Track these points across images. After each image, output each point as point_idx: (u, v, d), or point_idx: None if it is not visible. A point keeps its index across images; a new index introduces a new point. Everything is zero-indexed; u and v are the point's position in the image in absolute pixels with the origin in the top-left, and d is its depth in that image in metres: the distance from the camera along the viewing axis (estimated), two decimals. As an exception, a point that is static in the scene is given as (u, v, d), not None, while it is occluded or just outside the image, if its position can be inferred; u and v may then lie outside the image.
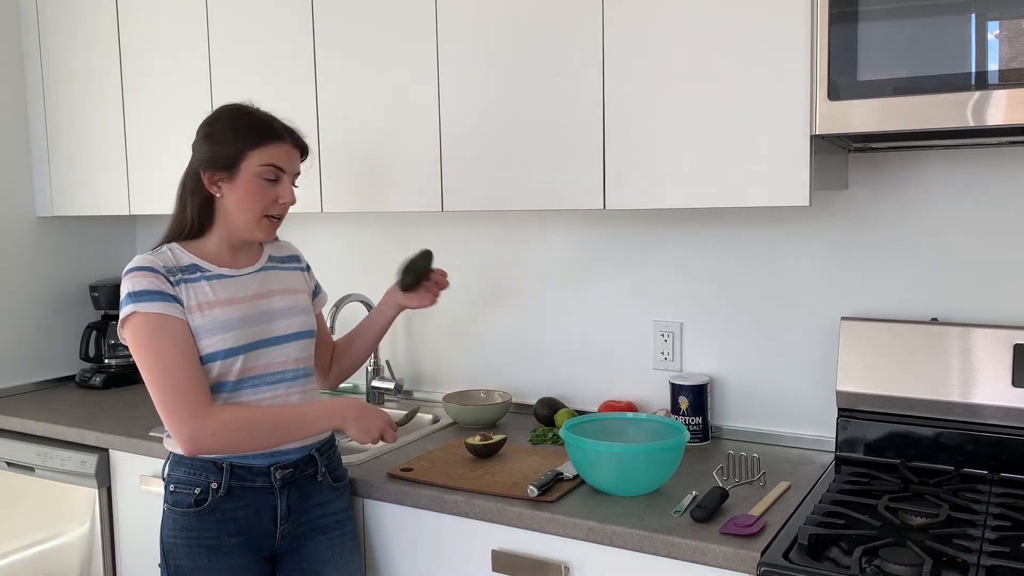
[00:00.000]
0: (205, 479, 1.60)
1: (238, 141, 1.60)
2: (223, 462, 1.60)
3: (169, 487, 1.63)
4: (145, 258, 1.60)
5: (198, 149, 1.64)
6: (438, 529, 1.74)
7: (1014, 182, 1.76)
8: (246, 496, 1.61)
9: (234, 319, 1.60)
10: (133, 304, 1.54)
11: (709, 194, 1.69)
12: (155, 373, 1.52)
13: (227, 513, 1.60)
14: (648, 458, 1.62)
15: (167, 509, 1.63)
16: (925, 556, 1.33)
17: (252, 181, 1.61)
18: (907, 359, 1.78)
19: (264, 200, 1.63)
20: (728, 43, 1.64)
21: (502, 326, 2.37)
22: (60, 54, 2.64)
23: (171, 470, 1.64)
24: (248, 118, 1.63)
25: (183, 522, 1.60)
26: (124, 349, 2.83)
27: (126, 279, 1.57)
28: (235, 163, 1.60)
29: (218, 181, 1.62)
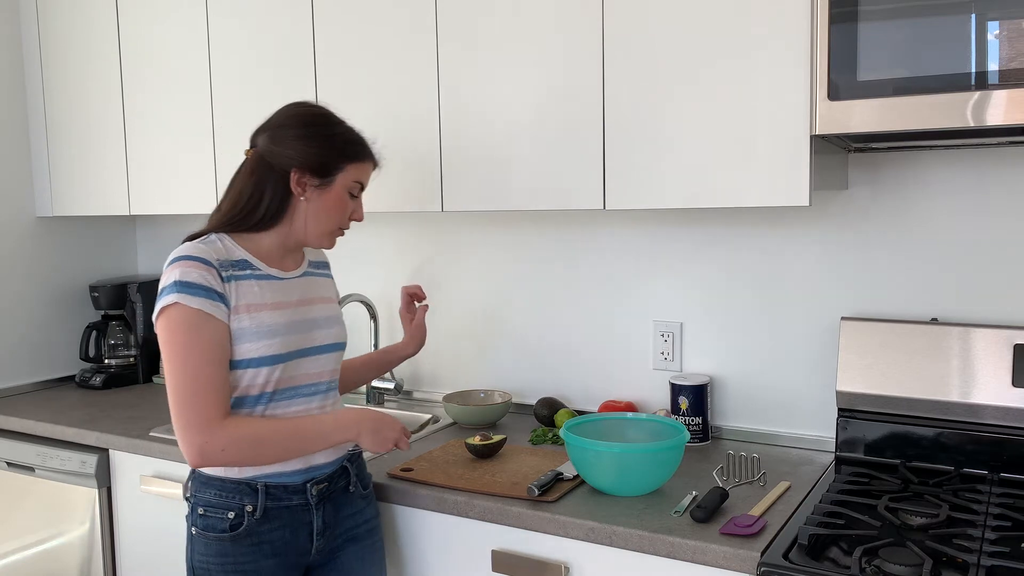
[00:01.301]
0: (239, 502, 1.52)
1: (339, 152, 1.57)
2: (257, 482, 1.53)
3: (197, 510, 1.54)
4: (197, 247, 1.50)
5: (290, 146, 1.55)
6: (438, 529, 1.74)
7: (1014, 182, 1.76)
8: (282, 516, 1.55)
9: (280, 324, 1.54)
10: (177, 294, 1.45)
11: (709, 194, 1.69)
12: (178, 374, 1.45)
13: (263, 536, 1.53)
14: (648, 458, 1.62)
15: (196, 533, 1.54)
16: (925, 556, 1.33)
17: (341, 194, 1.59)
18: (907, 359, 1.78)
19: (344, 213, 1.61)
20: (728, 43, 1.64)
21: (502, 326, 2.37)
22: (60, 54, 2.65)
23: (197, 491, 1.55)
24: (344, 128, 1.60)
25: (216, 547, 1.52)
26: (124, 349, 2.83)
27: (175, 266, 1.47)
28: (331, 172, 1.56)
29: (307, 184, 1.56)
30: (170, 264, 1.49)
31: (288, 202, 1.57)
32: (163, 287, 1.48)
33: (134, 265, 3.08)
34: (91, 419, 2.35)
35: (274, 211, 1.57)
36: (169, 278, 1.47)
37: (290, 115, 1.59)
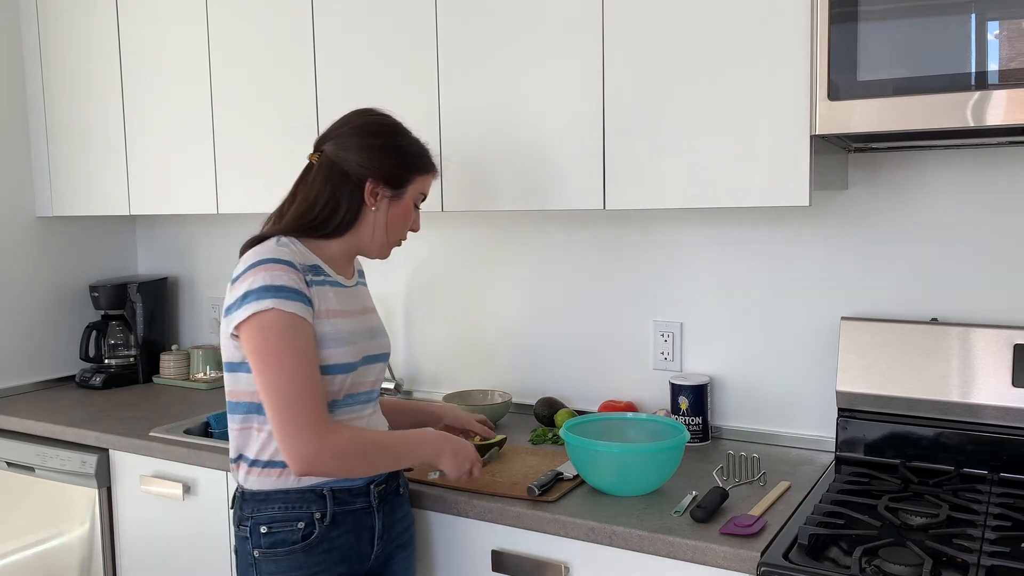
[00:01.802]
0: (307, 511, 1.49)
1: (411, 163, 1.57)
2: (323, 488, 1.50)
3: (259, 529, 1.49)
4: (278, 250, 1.47)
5: (366, 156, 1.54)
6: (438, 529, 1.74)
7: (1014, 182, 1.76)
8: (347, 521, 1.53)
9: (352, 332, 1.54)
10: (272, 299, 1.41)
11: (709, 194, 1.69)
12: (281, 380, 1.40)
13: (332, 542, 1.51)
14: (648, 458, 1.62)
15: (261, 554, 1.49)
16: (925, 556, 1.33)
17: (409, 205, 1.60)
18: (907, 359, 1.78)
19: (408, 225, 1.62)
20: (728, 43, 1.64)
21: (502, 326, 2.37)
22: (60, 54, 2.65)
23: (256, 511, 1.50)
24: (413, 139, 1.60)
25: (288, 562, 1.48)
26: (124, 349, 2.83)
27: (260, 269, 1.43)
28: (403, 184, 1.57)
29: (379, 195, 1.55)
30: (252, 267, 1.44)
31: (360, 211, 1.56)
32: (247, 291, 1.42)
33: (134, 265, 3.08)
34: (91, 419, 2.35)
35: (349, 220, 1.55)
36: (256, 281, 1.42)
37: (362, 123, 1.58)
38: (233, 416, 1.54)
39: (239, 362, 1.50)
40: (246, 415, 1.51)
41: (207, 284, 2.95)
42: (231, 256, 2.88)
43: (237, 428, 1.53)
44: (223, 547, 2.05)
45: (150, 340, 2.87)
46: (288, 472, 1.50)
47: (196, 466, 2.06)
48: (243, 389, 1.51)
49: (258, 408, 1.50)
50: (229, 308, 1.46)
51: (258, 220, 2.78)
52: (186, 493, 2.09)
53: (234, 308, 1.44)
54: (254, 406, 1.50)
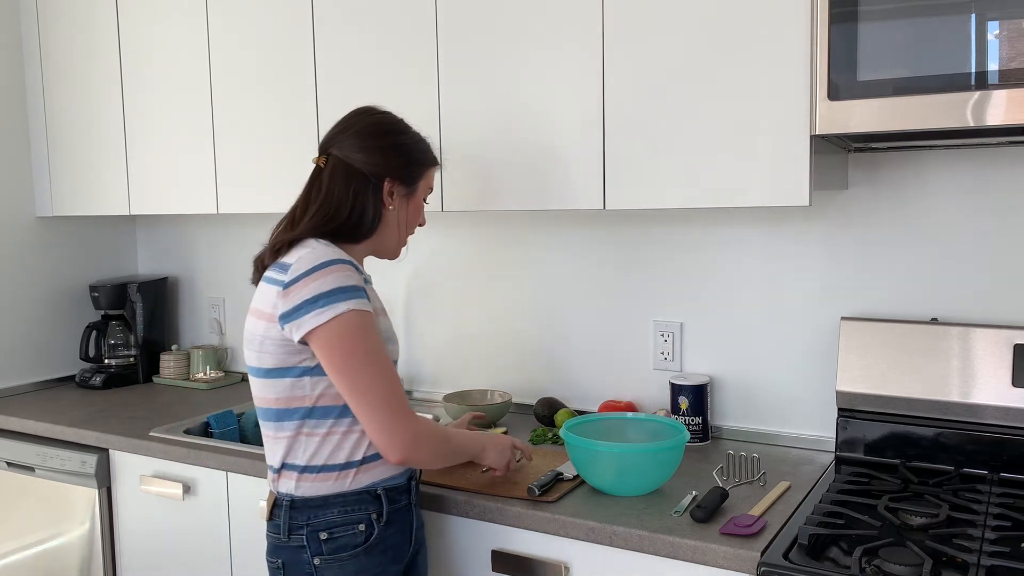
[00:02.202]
0: (366, 512, 1.49)
1: (419, 158, 1.59)
2: (377, 488, 1.50)
3: (319, 536, 1.47)
4: (336, 251, 1.47)
5: (380, 155, 1.54)
6: (438, 529, 1.74)
7: (1014, 182, 1.76)
8: (397, 519, 1.54)
9: (391, 332, 1.56)
10: (351, 301, 1.41)
11: (709, 194, 1.69)
12: (372, 375, 1.40)
13: (386, 542, 1.52)
14: (648, 458, 1.62)
15: (323, 561, 1.47)
16: (925, 556, 1.33)
17: (420, 201, 1.63)
18: (907, 359, 1.78)
19: (418, 220, 1.65)
20: (728, 43, 1.64)
21: (502, 326, 2.37)
22: (60, 54, 2.65)
23: (313, 516, 1.48)
24: (415, 132, 1.62)
25: (353, 566, 1.48)
26: (124, 349, 2.83)
27: (332, 270, 1.42)
28: (415, 180, 1.59)
29: (397, 194, 1.57)
30: (317, 270, 1.42)
31: (382, 213, 1.57)
32: (320, 293, 1.40)
33: (134, 265, 3.08)
34: (91, 419, 2.35)
35: (377, 222, 1.56)
36: (325, 284, 1.41)
37: (367, 124, 1.57)
38: (279, 425, 1.49)
39: (289, 367, 1.46)
40: (299, 421, 1.47)
41: (207, 284, 2.95)
42: (231, 256, 2.88)
43: (287, 435, 1.49)
44: (223, 547, 2.05)
45: (150, 340, 2.87)
46: (345, 475, 1.48)
47: (196, 466, 2.06)
48: (295, 395, 1.47)
49: (311, 412, 1.47)
50: (292, 313, 1.42)
51: (258, 220, 2.79)
52: (186, 493, 2.09)
53: (301, 313, 1.41)
54: (308, 411, 1.47)
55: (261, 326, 1.47)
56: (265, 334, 1.46)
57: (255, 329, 1.48)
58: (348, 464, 1.48)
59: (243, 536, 2.02)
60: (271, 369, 1.47)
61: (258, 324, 1.47)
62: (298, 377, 1.46)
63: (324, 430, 1.48)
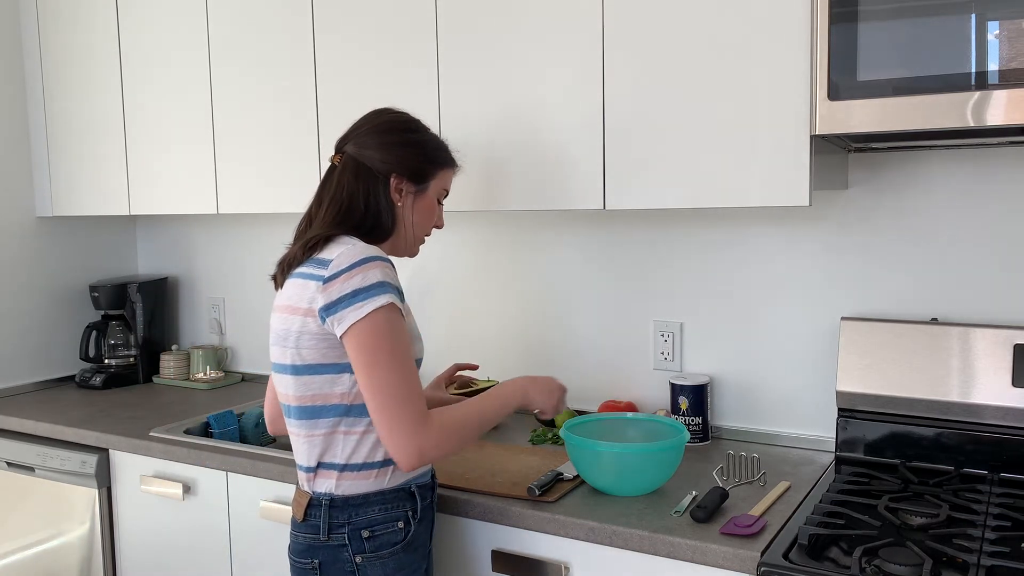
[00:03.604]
0: (403, 510, 1.50)
1: (434, 158, 1.60)
2: (411, 486, 1.52)
3: (361, 534, 1.47)
4: (375, 249, 1.47)
5: (388, 152, 1.55)
6: (438, 529, 1.74)
7: (1014, 182, 1.76)
8: (426, 516, 1.56)
9: (416, 330, 1.57)
10: (390, 296, 1.41)
11: (709, 194, 1.69)
12: (391, 375, 1.39)
13: (418, 539, 1.54)
14: (648, 458, 1.62)
15: (364, 560, 1.47)
16: (925, 556, 1.33)
17: (432, 200, 1.62)
18: (907, 359, 1.78)
19: (433, 220, 1.64)
20: (728, 43, 1.64)
21: (502, 326, 2.37)
22: (60, 54, 2.64)
23: (355, 515, 1.48)
24: (432, 135, 1.63)
25: (394, 563, 1.49)
26: (124, 349, 2.83)
27: (374, 265, 1.42)
28: (426, 179, 1.59)
29: (403, 191, 1.57)
30: (361, 264, 1.42)
31: (396, 210, 1.57)
32: (361, 287, 1.40)
33: (134, 265, 3.08)
34: (91, 419, 2.35)
35: (394, 221, 1.57)
36: (368, 279, 1.41)
37: (381, 122, 1.59)
38: (314, 423, 1.48)
39: (329, 363, 1.45)
40: (336, 419, 1.46)
41: (207, 284, 2.95)
42: (231, 256, 2.88)
43: (322, 433, 1.48)
44: (223, 547, 2.05)
45: (150, 340, 2.87)
46: (383, 473, 1.49)
47: (196, 466, 2.06)
48: (333, 391, 1.46)
49: (348, 410, 1.46)
50: (333, 306, 1.41)
51: (258, 220, 2.79)
52: (186, 493, 2.09)
53: (343, 306, 1.40)
54: (346, 408, 1.46)
55: (297, 322, 1.45)
56: (302, 329, 1.44)
57: (289, 326, 1.46)
58: (387, 461, 1.49)
59: (243, 536, 2.02)
60: (309, 365, 1.45)
61: (293, 320, 1.46)
62: (338, 374, 1.45)
63: (362, 428, 1.47)
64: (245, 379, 2.83)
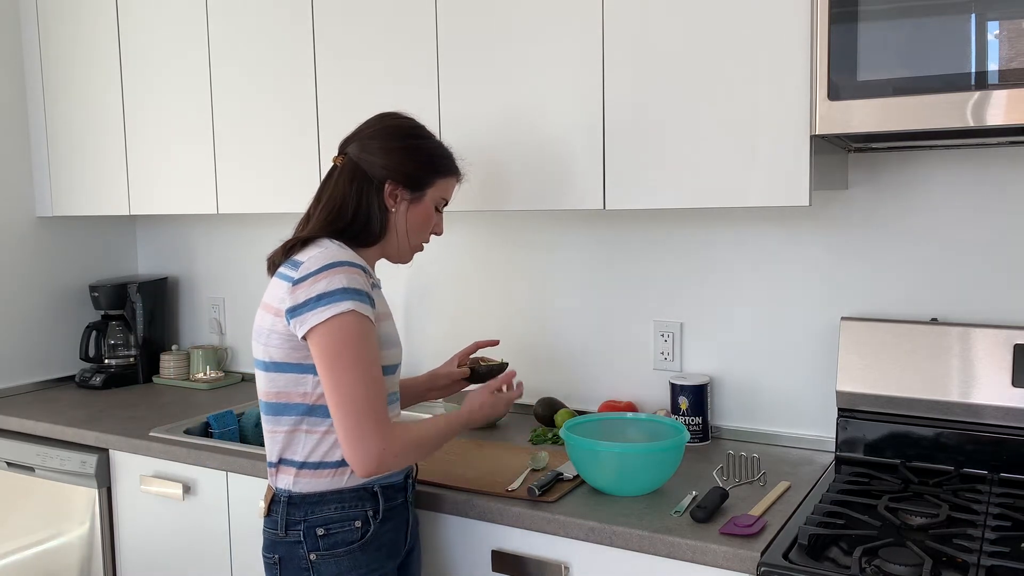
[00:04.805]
0: (362, 510, 1.51)
1: (432, 165, 1.58)
2: (374, 486, 1.52)
3: (316, 532, 1.48)
4: (348, 253, 1.48)
5: (385, 157, 1.55)
6: (438, 529, 1.74)
7: (1014, 182, 1.76)
8: (393, 516, 1.56)
9: (395, 336, 1.57)
10: (353, 302, 1.42)
11: (709, 194, 1.69)
12: (352, 382, 1.40)
13: (382, 539, 1.53)
14: (648, 458, 1.62)
15: (319, 557, 1.48)
16: (925, 556, 1.33)
17: (429, 208, 1.60)
18: (907, 359, 1.78)
19: (429, 228, 1.63)
20: (728, 43, 1.64)
21: (502, 326, 2.37)
22: (60, 55, 2.64)
23: (310, 512, 1.49)
24: (435, 143, 1.62)
25: (348, 562, 1.49)
26: (124, 349, 2.83)
27: (339, 271, 1.43)
28: (422, 186, 1.58)
29: (399, 197, 1.56)
30: (328, 268, 1.44)
31: (388, 216, 1.58)
32: (325, 292, 1.42)
33: (134, 265, 3.08)
34: (91, 419, 2.35)
35: (384, 226, 1.57)
36: (332, 284, 1.42)
37: (384, 127, 1.59)
38: (278, 419, 1.51)
39: (293, 363, 1.47)
40: (299, 417, 1.49)
41: (207, 284, 2.95)
42: (231, 256, 2.88)
43: (285, 430, 1.50)
44: (223, 547, 2.05)
45: (150, 340, 2.87)
46: (340, 472, 1.50)
47: (196, 466, 2.06)
48: (295, 390, 1.48)
49: (311, 410, 1.48)
50: (299, 308, 1.43)
51: (258, 220, 2.79)
52: (186, 493, 2.09)
53: (306, 309, 1.42)
54: (308, 408, 1.48)
55: (268, 319, 1.48)
56: (272, 328, 1.47)
57: (263, 322, 1.50)
58: (345, 461, 1.49)
59: (243, 536, 2.02)
60: (275, 363, 1.49)
61: (266, 317, 1.49)
62: (301, 374, 1.47)
63: (324, 428, 1.49)
64: (245, 379, 2.83)
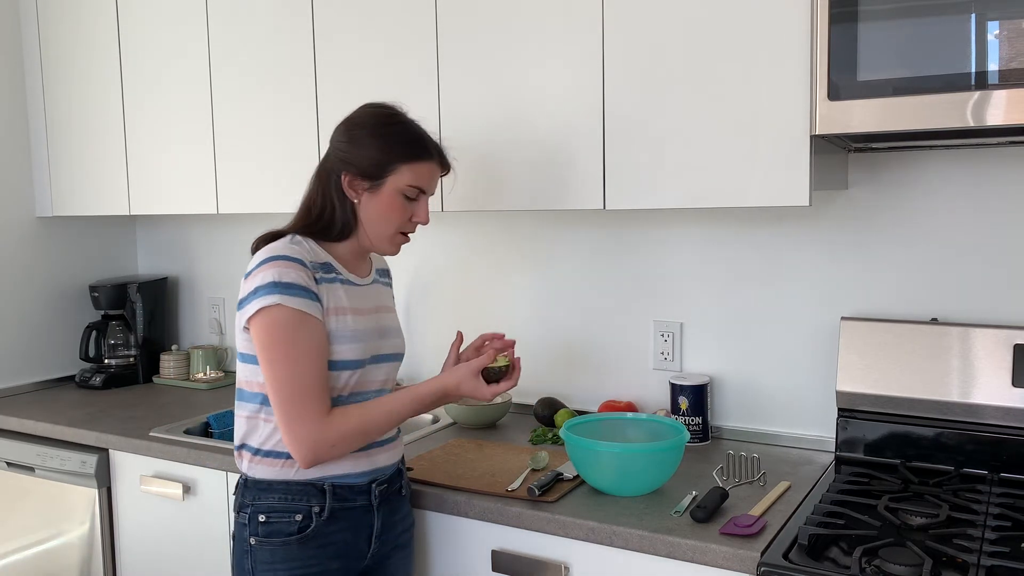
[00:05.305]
0: (306, 504, 1.51)
1: (389, 152, 1.52)
2: (324, 483, 1.52)
3: (258, 518, 1.51)
4: (288, 247, 1.49)
5: (343, 149, 1.55)
6: (438, 529, 1.74)
7: (1014, 182, 1.76)
8: (347, 517, 1.54)
9: (361, 330, 1.55)
10: (279, 295, 1.44)
11: (709, 194, 1.69)
12: (283, 374, 1.44)
13: (328, 537, 1.52)
14: (648, 458, 1.62)
15: (257, 542, 1.51)
16: (925, 556, 1.33)
17: (394, 196, 1.54)
18: (907, 359, 1.78)
19: (401, 217, 1.56)
20: (728, 43, 1.64)
21: (502, 326, 2.37)
22: (60, 54, 2.64)
23: (256, 499, 1.53)
24: (401, 127, 1.56)
25: (283, 553, 1.50)
26: (124, 349, 2.83)
27: (270, 266, 1.46)
28: (381, 175, 1.53)
29: (359, 188, 1.54)
30: (262, 264, 1.47)
31: (355, 208, 1.56)
32: (257, 287, 1.46)
33: (134, 265, 3.08)
34: (91, 419, 2.35)
35: (349, 221, 1.56)
36: (265, 278, 1.45)
37: (350, 117, 1.59)
38: (242, 405, 1.56)
39: (250, 354, 1.53)
40: (257, 405, 1.54)
41: (207, 284, 2.95)
42: (231, 256, 2.88)
43: (245, 416, 1.55)
44: (223, 547, 2.05)
45: (150, 340, 2.87)
46: (290, 463, 1.52)
47: (196, 466, 2.06)
48: (254, 379, 1.54)
49: (266, 399, 1.53)
50: (241, 302, 1.50)
51: (258, 220, 2.79)
52: (186, 493, 2.09)
53: (245, 302, 1.48)
54: (264, 397, 1.53)
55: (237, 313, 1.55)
56: (238, 321, 1.54)
57: None
58: None
59: (243, 536, 2.02)
60: (240, 353, 1.55)
61: None
62: (255, 364, 1.52)
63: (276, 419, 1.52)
64: (245, 379, 2.82)
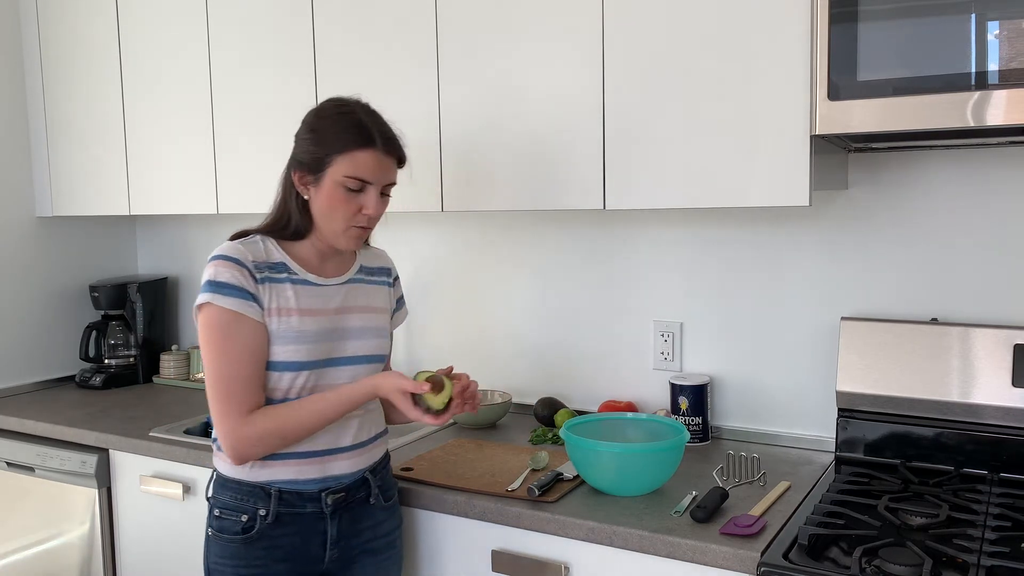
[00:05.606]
0: (252, 505, 1.52)
1: (326, 144, 1.49)
2: (271, 487, 1.52)
3: (214, 511, 1.56)
4: (234, 247, 1.51)
5: (295, 146, 1.55)
6: (438, 529, 1.74)
7: (1014, 182, 1.76)
8: (295, 522, 1.54)
9: (309, 332, 1.52)
10: (210, 294, 1.47)
11: (709, 194, 1.69)
12: (212, 371, 1.47)
13: (274, 540, 1.53)
14: (648, 458, 1.62)
15: (212, 534, 1.55)
16: (925, 556, 1.33)
17: (335, 189, 1.50)
18: (907, 359, 1.78)
19: (347, 210, 1.51)
20: (728, 44, 1.64)
21: (502, 326, 2.37)
22: (60, 54, 2.64)
23: (216, 492, 1.57)
24: (339, 119, 1.51)
25: (231, 549, 1.53)
26: (124, 349, 2.83)
27: (210, 265, 1.49)
28: (321, 167, 1.50)
29: (307, 183, 1.53)
30: (209, 262, 1.51)
31: (308, 204, 1.55)
32: (202, 284, 1.50)
33: (134, 265, 3.08)
34: (91, 419, 2.35)
35: (302, 219, 1.56)
36: (205, 276, 1.50)
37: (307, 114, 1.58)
38: None
39: None
40: None
41: (207, 284, 2.95)
42: (231, 256, 2.88)
43: None
44: (223, 547, 2.05)
45: (150, 340, 2.87)
46: None
47: (196, 466, 2.06)
48: None
49: None
50: None
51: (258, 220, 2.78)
52: (186, 493, 2.09)
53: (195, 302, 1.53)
54: None
55: None
56: None
57: None
58: None
59: (243, 536, 2.02)
60: None
61: None
62: None
63: None
64: (245, 379, 2.82)
